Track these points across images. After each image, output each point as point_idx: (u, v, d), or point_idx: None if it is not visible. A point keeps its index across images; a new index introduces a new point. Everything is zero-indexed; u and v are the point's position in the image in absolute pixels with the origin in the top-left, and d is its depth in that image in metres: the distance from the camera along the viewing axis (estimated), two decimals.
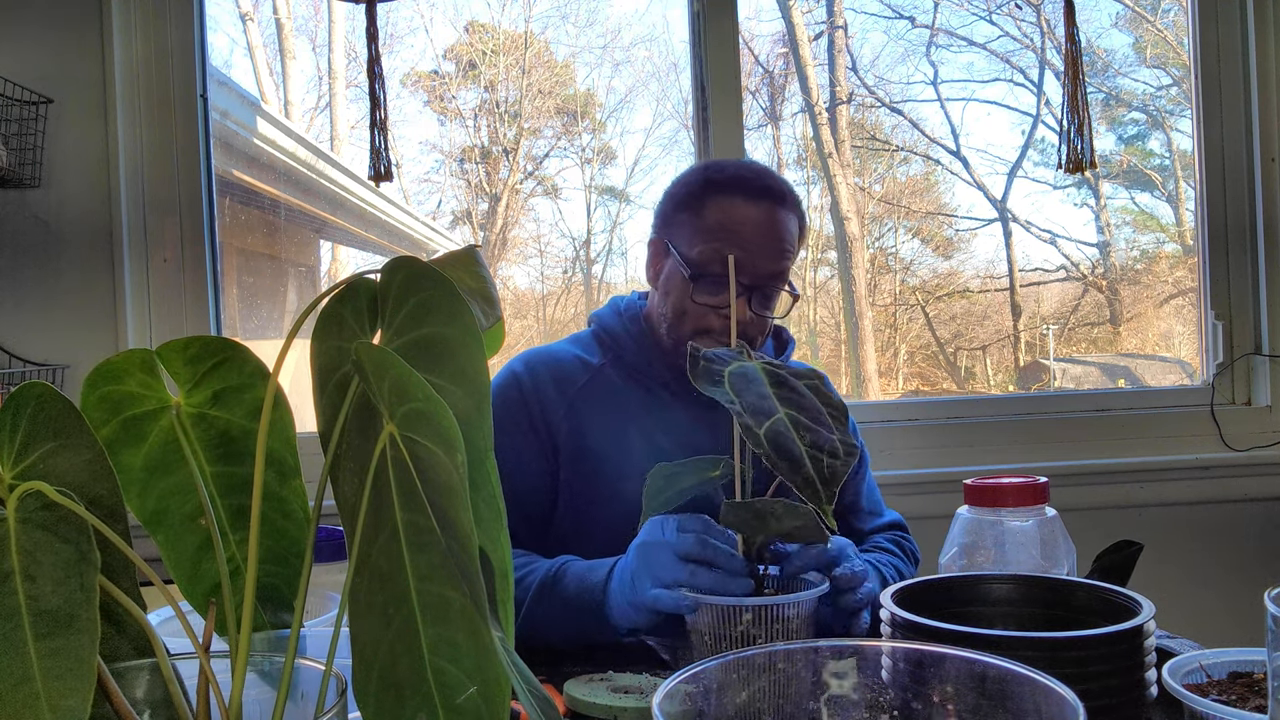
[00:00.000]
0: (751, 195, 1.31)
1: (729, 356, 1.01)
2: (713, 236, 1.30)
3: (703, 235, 1.31)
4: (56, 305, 1.97)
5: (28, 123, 1.90)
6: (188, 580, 0.55)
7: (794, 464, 0.90)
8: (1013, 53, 2.64)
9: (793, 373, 1.01)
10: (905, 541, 1.40)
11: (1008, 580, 0.91)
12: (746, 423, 0.92)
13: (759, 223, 1.30)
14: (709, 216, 1.31)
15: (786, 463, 0.90)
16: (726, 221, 1.30)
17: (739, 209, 1.30)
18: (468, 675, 0.40)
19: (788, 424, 0.93)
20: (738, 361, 1.01)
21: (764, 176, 1.34)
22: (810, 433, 0.93)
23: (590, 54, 2.73)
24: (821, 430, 0.94)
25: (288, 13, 2.65)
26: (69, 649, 0.38)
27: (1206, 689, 0.81)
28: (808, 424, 0.94)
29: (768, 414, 0.94)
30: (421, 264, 0.45)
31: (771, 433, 0.92)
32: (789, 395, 0.97)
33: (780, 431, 0.92)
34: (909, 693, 0.55)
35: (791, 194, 1.35)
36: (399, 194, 2.84)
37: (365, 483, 0.43)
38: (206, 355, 0.53)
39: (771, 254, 1.30)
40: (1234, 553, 2.09)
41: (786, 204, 1.33)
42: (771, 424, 0.93)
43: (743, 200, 1.31)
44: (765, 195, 1.31)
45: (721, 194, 1.32)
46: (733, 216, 1.30)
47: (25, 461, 0.46)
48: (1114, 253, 2.83)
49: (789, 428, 0.93)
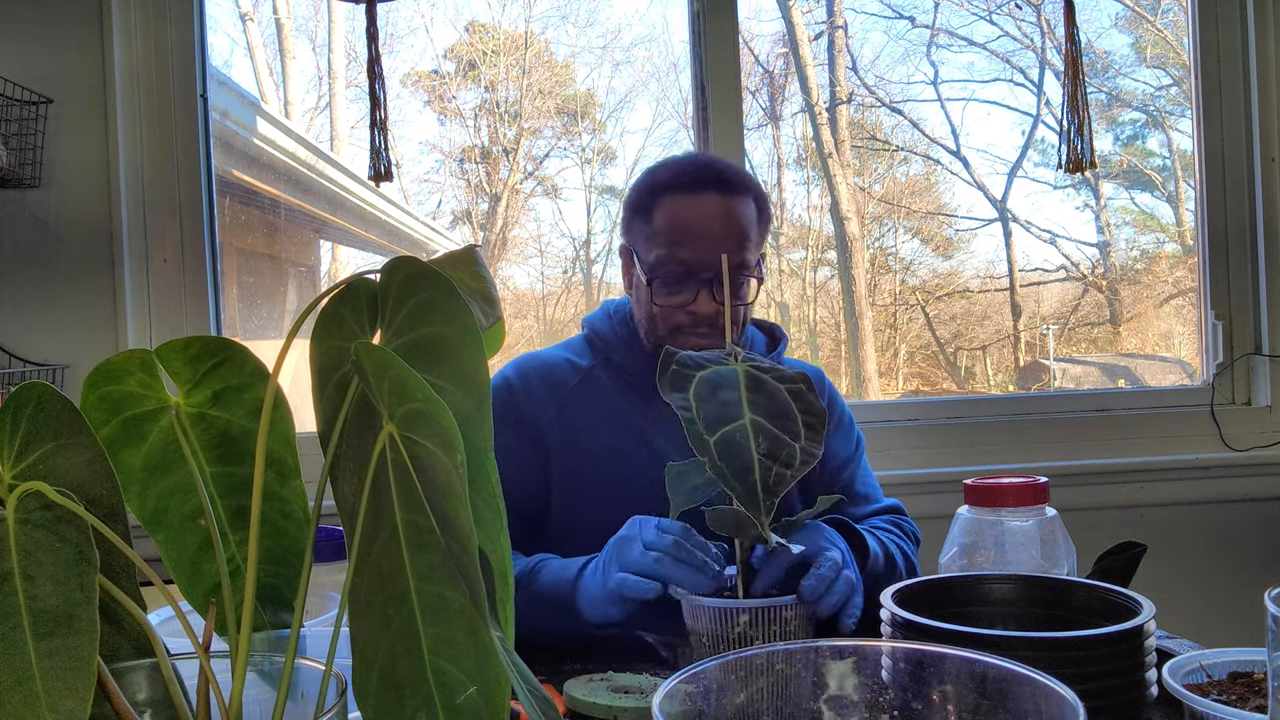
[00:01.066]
0: (696, 189, 1.31)
1: (710, 359, 0.99)
2: (664, 237, 1.30)
3: (655, 238, 1.31)
4: (56, 305, 1.97)
5: (27, 123, 1.90)
6: (187, 580, 0.55)
7: (742, 471, 0.89)
8: (1013, 53, 2.65)
9: (780, 376, 0.99)
10: (904, 523, 1.40)
11: (1008, 580, 0.91)
12: (697, 430, 0.91)
13: (707, 215, 1.29)
14: (658, 219, 1.32)
15: (734, 471, 0.89)
16: (674, 220, 1.30)
17: (685, 206, 1.30)
18: (468, 675, 0.40)
19: (749, 431, 0.92)
20: (715, 365, 0.99)
21: (708, 168, 1.33)
22: (771, 440, 0.92)
23: (590, 54, 2.73)
24: (785, 438, 0.92)
25: (288, 13, 2.65)
26: (69, 649, 0.38)
27: (1207, 689, 0.81)
28: (773, 431, 0.92)
29: (729, 420, 0.92)
30: (421, 264, 0.45)
31: (723, 441, 0.91)
32: (762, 400, 0.95)
33: (736, 440, 0.91)
34: (909, 693, 0.55)
35: (742, 180, 1.34)
36: (399, 194, 2.84)
37: (365, 483, 0.43)
38: (206, 355, 0.53)
39: (724, 244, 1.28)
40: (1234, 553, 2.09)
41: (736, 190, 1.32)
42: (729, 430, 0.91)
43: (687, 196, 1.31)
44: (710, 186, 1.30)
45: (667, 193, 1.32)
46: (679, 214, 1.30)
47: (25, 461, 0.46)
48: (1114, 253, 2.83)
49: (749, 435, 0.92)
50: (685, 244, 1.29)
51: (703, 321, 1.32)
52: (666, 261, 1.30)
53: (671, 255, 1.30)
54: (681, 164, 1.36)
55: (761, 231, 1.36)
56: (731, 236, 1.29)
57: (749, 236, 1.32)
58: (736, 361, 1.00)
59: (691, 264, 1.30)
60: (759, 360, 1.03)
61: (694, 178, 1.31)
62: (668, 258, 1.30)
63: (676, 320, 1.32)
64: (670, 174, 1.34)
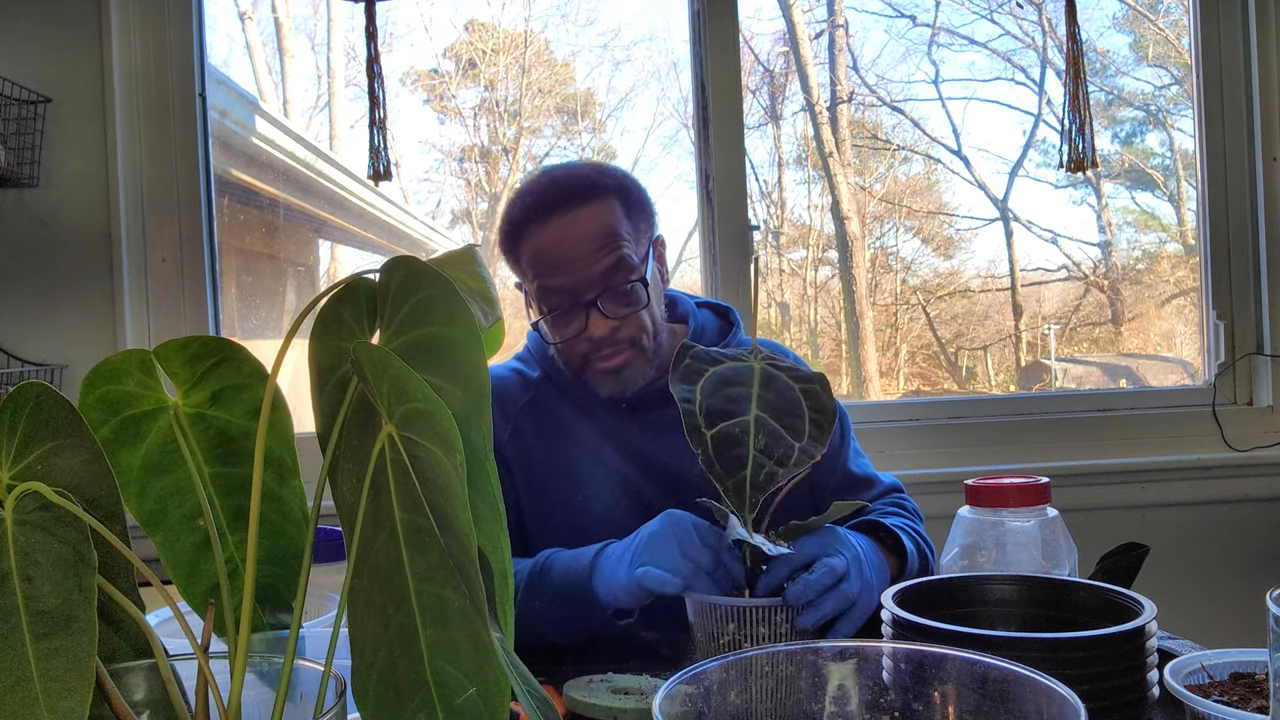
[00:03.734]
0: (545, 216, 1.24)
1: (727, 356, 1.00)
2: (533, 273, 1.26)
3: (527, 276, 1.27)
4: (55, 305, 1.97)
5: (26, 122, 1.90)
6: (186, 581, 0.55)
7: (734, 467, 0.88)
8: (1014, 52, 2.64)
9: (796, 375, 0.99)
10: (906, 502, 1.37)
11: (1009, 581, 0.91)
12: (696, 423, 0.90)
13: (561, 239, 1.23)
14: (523, 258, 1.27)
15: (726, 467, 0.88)
16: (535, 255, 1.25)
17: (540, 236, 1.24)
18: (467, 676, 0.39)
19: (751, 426, 0.91)
20: (731, 362, 0.99)
21: (549, 190, 1.26)
22: (770, 437, 0.91)
23: (590, 53, 2.73)
24: (786, 436, 0.91)
25: (286, 11, 2.65)
26: (67, 649, 0.38)
27: (1208, 690, 0.81)
28: (776, 428, 0.91)
29: (733, 415, 0.91)
30: (421, 263, 0.45)
31: (721, 435, 0.90)
32: (771, 397, 0.94)
33: (734, 434, 0.90)
34: (910, 693, 0.55)
35: (591, 185, 1.26)
36: (398, 193, 2.84)
37: (364, 483, 0.42)
38: (205, 355, 0.53)
39: (589, 259, 1.23)
40: (1235, 553, 2.09)
41: (587, 199, 1.25)
42: (728, 425, 0.90)
43: (539, 226, 1.25)
44: (556, 209, 1.24)
45: (522, 229, 1.26)
46: (538, 247, 1.25)
47: (23, 462, 0.45)
48: (1115, 252, 2.83)
49: (750, 431, 0.90)
50: (554, 274, 1.24)
51: (604, 343, 1.26)
52: (545, 296, 1.26)
53: (546, 289, 1.25)
54: (526, 193, 1.29)
55: (635, 223, 1.28)
56: (595, 249, 1.23)
57: (617, 239, 1.24)
58: (755, 359, 0.99)
59: (569, 291, 1.24)
60: (780, 359, 1.02)
61: (539, 205, 1.25)
62: (544, 291, 1.25)
63: (580, 349, 1.27)
64: (519, 209, 1.28)
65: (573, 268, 1.23)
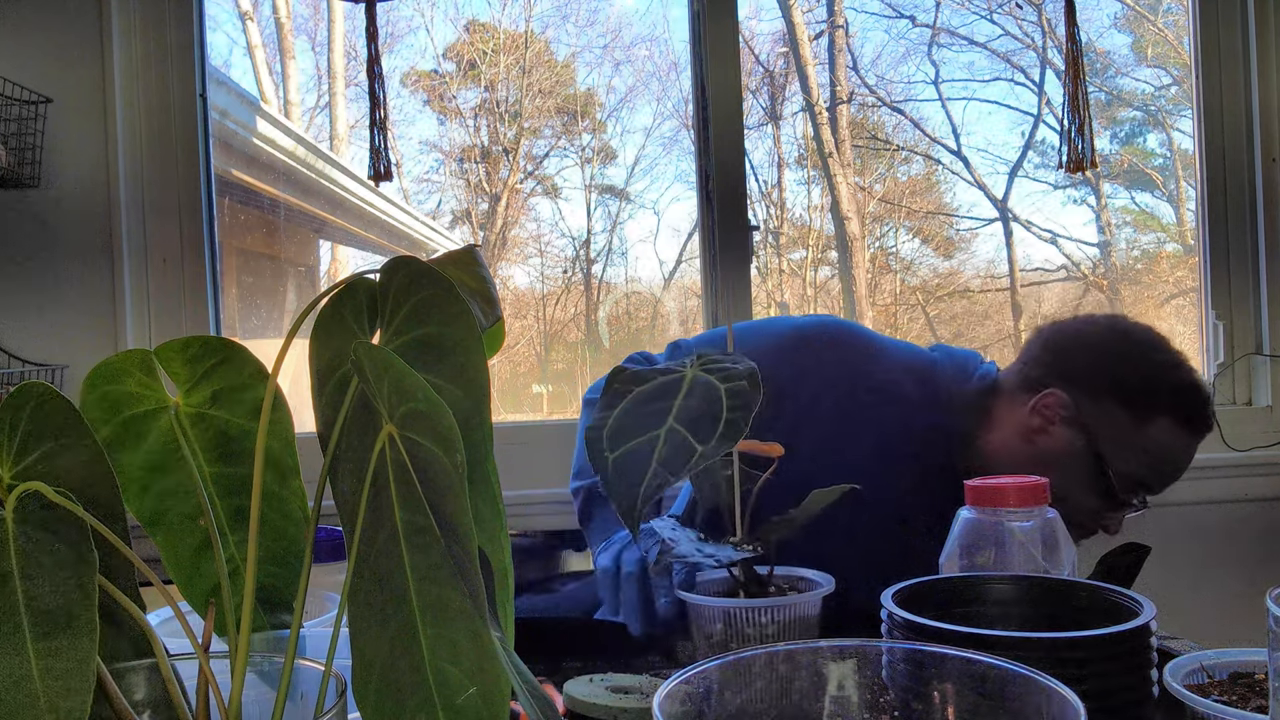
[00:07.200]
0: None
1: (658, 371, 0.93)
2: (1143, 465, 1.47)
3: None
4: (55, 305, 1.97)
5: (27, 122, 1.90)
6: (187, 581, 0.55)
7: (630, 486, 0.85)
8: (1014, 52, 2.64)
9: (726, 375, 0.92)
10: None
11: (1008, 580, 0.91)
12: (600, 449, 0.87)
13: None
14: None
15: (622, 487, 0.85)
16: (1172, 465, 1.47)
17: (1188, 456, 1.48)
18: (467, 676, 0.40)
19: (661, 440, 0.88)
20: (662, 377, 0.92)
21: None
22: (676, 448, 0.86)
23: (590, 53, 2.73)
24: (690, 441, 0.86)
25: (287, 12, 2.65)
26: (68, 649, 0.38)
27: (1208, 689, 0.81)
28: (684, 437, 0.86)
29: (644, 431, 0.88)
30: (421, 263, 0.45)
31: (625, 455, 0.86)
32: (694, 404, 0.89)
33: (640, 452, 0.87)
34: (909, 693, 0.55)
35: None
36: (399, 194, 2.84)
37: (364, 483, 0.42)
38: (206, 355, 0.53)
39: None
40: (1235, 553, 2.09)
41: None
42: (636, 444, 0.87)
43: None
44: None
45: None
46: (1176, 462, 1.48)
47: (24, 461, 0.45)
48: (1115, 252, 2.83)
49: (659, 444, 0.88)
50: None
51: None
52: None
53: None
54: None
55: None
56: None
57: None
58: (692, 367, 0.94)
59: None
60: (721, 360, 0.95)
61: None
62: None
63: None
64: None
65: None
